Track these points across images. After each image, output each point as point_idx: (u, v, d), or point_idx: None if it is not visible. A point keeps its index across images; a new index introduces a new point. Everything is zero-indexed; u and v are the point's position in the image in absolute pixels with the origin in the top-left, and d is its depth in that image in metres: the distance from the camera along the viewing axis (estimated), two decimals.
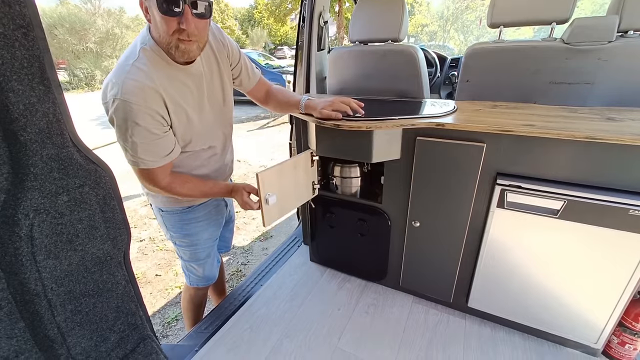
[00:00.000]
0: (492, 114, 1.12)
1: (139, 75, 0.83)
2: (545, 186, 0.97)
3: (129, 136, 0.85)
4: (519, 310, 1.17)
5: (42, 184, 0.74)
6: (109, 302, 0.94)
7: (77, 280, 0.85)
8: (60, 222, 0.79)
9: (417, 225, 1.26)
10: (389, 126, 1.08)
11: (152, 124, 0.86)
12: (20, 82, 0.67)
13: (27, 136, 0.70)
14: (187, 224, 1.14)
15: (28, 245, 0.74)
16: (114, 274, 0.94)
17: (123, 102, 0.81)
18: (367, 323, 1.31)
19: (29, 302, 0.77)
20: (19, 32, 0.65)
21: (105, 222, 0.88)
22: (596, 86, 1.17)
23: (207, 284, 1.30)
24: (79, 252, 0.84)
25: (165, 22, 0.80)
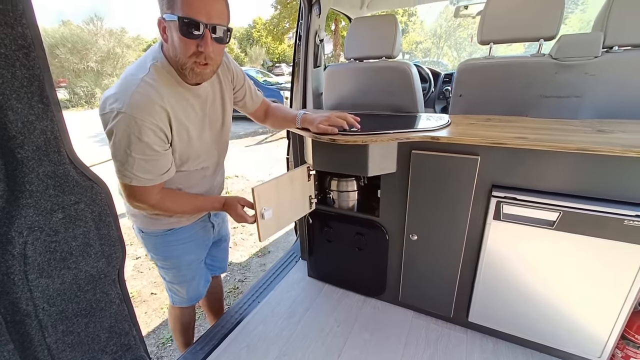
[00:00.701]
0: (486, 127, 1.14)
1: (148, 90, 0.83)
2: (541, 197, 0.98)
3: (128, 151, 0.84)
4: (521, 324, 1.15)
5: (37, 201, 0.74)
6: (102, 321, 0.92)
7: (70, 300, 0.83)
8: (55, 239, 0.78)
9: (415, 239, 1.25)
10: (384, 140, 1.09)
11: (155, 141, 0.85)
12: (20, 100, 0.68)
13: (25, 154, 0.70)
14: (169, 246, 1.10)
15: (21, 263, 0.73)
16: (108, 292, 0.92)
17: (128, 116, 0.80)
18: (367, 340, 1.28)
19: (19, 322, 0.75)
20: (20, 52, 0.66)
21: (100, 239, 0.87)
22: (585, 99, 1.20)
23: (191, 304, 1.26)
24: (73, 270, 0.82)
25: (184, 44, 0.81)
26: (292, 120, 1.22)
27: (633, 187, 0.89)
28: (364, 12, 2.33)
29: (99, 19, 14.67)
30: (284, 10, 15.54)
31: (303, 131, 1.21)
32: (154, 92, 0.83)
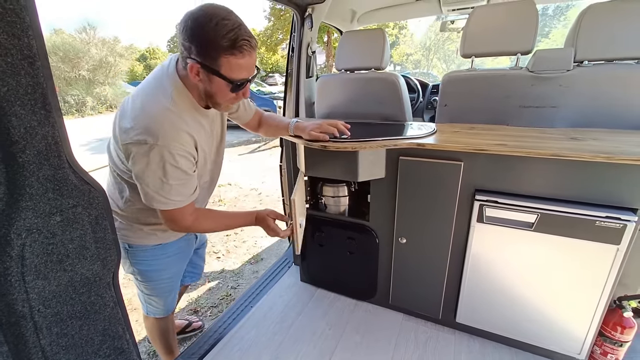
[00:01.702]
0: (469, 135, 1.21)
1: (176, 120, 0.85)
2: (520, 201, 1.04)
3: (164, 179, 0.86)
4: (506, 324, 1.19)
5: (36, 204, 0.76)
6: (96, 324, 0.93)
7: (65, 302, 0.84)
8: (52, 242, 0.80)
9: (404, 242, 1.30)
10: (374, 146, 1.15)
11: (187, 165, 0.89)
12: (23, 107, 0.71)
13: (26, 158, 0.73)
14: (156, 259, 1.12)
15: (18, 265, 0.74)
16: (102, 295, 0.93)
17: (161, 148, 0.82)
18: (358, 342, 1.31)
19: (14, 324, 0.76)
20: (25, 61, 0.70)
21: (96, 242, 0.89)
22: (560, 109, 1.28)
23: (166, 314, 1.27)
24: (69, 272, 0.84)
25: (226, 93, 0.86)
26: (284, 128, 1.27)
27: (603, 190, 0.96)
28: (355, 25, 2.42)
29: (92, 28, 14.68)
30: (277, 22, 15.82)
31: (295, 138, 1.26)
32: (181, 122, 0.86)
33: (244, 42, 0.80)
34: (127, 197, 1.02)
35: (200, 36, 0.78)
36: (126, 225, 1.06)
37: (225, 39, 0.77)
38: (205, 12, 0.78)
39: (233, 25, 0.78)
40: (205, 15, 0.77)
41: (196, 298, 2.14)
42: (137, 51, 26.32)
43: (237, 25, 0.79)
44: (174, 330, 1.39)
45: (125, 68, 15.17)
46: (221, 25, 0.77)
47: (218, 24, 0.77)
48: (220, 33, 0.77)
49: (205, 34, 0.77)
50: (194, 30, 0.78)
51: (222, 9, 0.80)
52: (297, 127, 1.24)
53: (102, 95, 13.56)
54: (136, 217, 1.05)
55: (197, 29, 0.78)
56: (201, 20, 0.77)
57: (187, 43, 0.80)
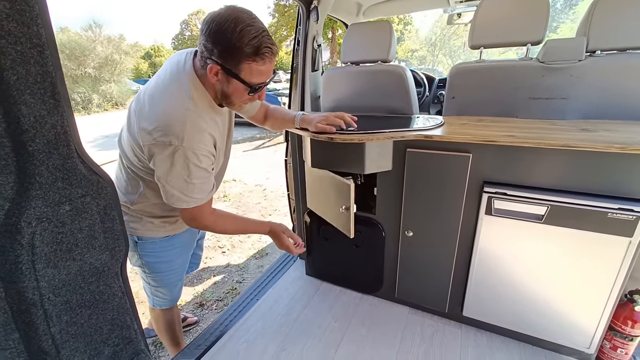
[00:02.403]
0: (477, 127, 1.19)
1: (197, 121, 0.87)
2: (529, 192, 1.02)
3: (188, 179, 0.88)
4: (513, 318, 1.18)
5: (46, 193, 0.76)
6: (105, 314, 0.94)
7: (74, 291, 0.85)
8: (62, 230, 0.80)
9: (410, 235, 1.29)
10: (380, 138, 1.14)
11: (208, 164, 0.92)
12: (33, 96, 0.71)
13: (35, 147, 0.73)
14: (164, 251, 1.14)
15: (29, 253, 0.75)
16: (111, 285, 0.94)
17: (185, 149, 0.84)
18: (364, 335, 1.31)
19: (25, 312, 0.77)
20: (34, 50, 0.70)
21: (104, 232, 0.90)
22: (571, 101, 1.25)
23: (172, 305, 1.30)
24: (78, 261, 0.85)
25: (243, 94, 0.88)
26: (291, 120, 1.27)
27: (615, 182, 0.94)
28: (360, 19, 2.40)
29: (97, 26, 14.77)
30: (281, 19, 15.77)
31: (302, 131, 1.25)
32: (202, 122, 0.88)
33: (267, 49, 0.82)
34: (142, 193, 1.03)
35: (223, 40, 0.79)
36: (135, 219, 1.07)
37: (248, 45, 0.79)
38: (230, 17, 0.78)
39: (257, 32, 0.80)
40: (230, 20, 0.78)
41: (202, 292, 2.16)
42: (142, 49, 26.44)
43: (261, 31, 0.81)
44: (179, 322, 1.41)
45: (130, 66, 15.26)
46: (245, 32, 0.78)
47: (243, 30, 0.78)
48: (244, 40, 0.78)
49: (229, 39, 0.79)
50: (218, 34, 0.79)
51: (246, 14, 0.80)
52: (303, 120, 1.23)
53: (108, 93, 13.67)
54: (150, 212, 1.06)
55: (221, 33, 0.79)
56: (226, 25, 0.78)
57: (209, 45, 0.81)
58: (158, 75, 0.94)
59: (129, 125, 0.94)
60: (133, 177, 1.01)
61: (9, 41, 0.65)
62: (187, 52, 0.95)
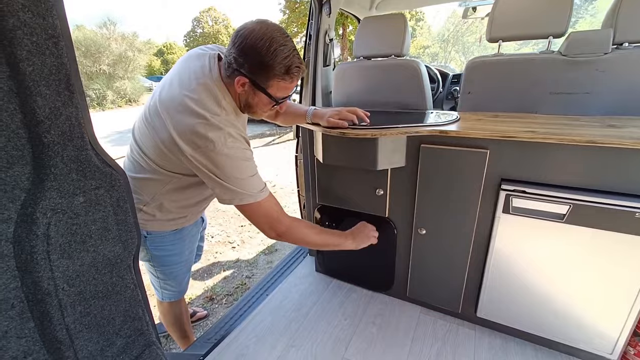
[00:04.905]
0: (494, 123, 1.15)
1: (232, 128, 0.90)
2: (550, 191, 0.98)
3: (243, 176, 0.90)
4: (530, 320, 1.14)
5: (60, 184, 0.77)
6: (117, 305, 0.95)
7: (88, 281, 0.86)
8: (76, 222, 0.81)
9: (423, 233, 1.26)
10: (394, 133, 1.11)
11: (251, 156, 0.95)
12: (48, 87, 0.71)
13: (51, 138, 0.74)
14: (173, 244, 1.15)
15: (44, 243, 0.76)
16: (123, 277, 0.95)
17: (230, 149, 0.87)
18: (374, 333, 1.29)
19: (40, 301, 0.78)
20: (50, 41, 0.70)
21: (117, 224, 0.90)
22: (595, 96, 1.20)
23: (180, 297, 1.30)
24: (91, 252, 0.85)
25: (267, 106, 0.93)
26: (302, 115, 1.25)
27: None
28: (373, 12, 2.36)
29: (112, 23, 15.04)
30: (292, 15, 15.72)
31: (313, 126, 1.24)
32: (236, 129, 0.91)
33: (297, 69, 0.86)
34: (170, 189, 1.02)
35: (256, 57, 0.82)
36: (149, 217, 1.07)
37: (280, 65, 0.83)
38: (265, 35, 0.81)
39: (289, 52, 0.83)
40: (265, 39, 0.81)
41: (212, 286, 2.17)
42: (154, 46, 26.81)
43: (292, 50, 0.84)
44: (187, 315, 1.42)
45: (143, 63, 15.51)
46: (279, 51, 0.82)
47: (276, 50, 0.81)
48: (277, 60, 0.82)
49: (262, 58, 0.82)
50: (252, 50, 0.82)
51: (279, 33, 0.83)
52: (315, 115, 1.22)
53: (122, 90, 13.92)
54: (168, 209, 1.06)
55: (254, 50, 0.82)
56: (261, 43, 0.81)
57: (240, 59, 0.84)
58: (181, 79, 0.92)
59: (152, 126, 0.93)
60: (153, 177, 1.00)
61: (24, 32, 0.65)
62: (209, 56, 0.94)
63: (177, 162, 0.92)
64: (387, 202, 1.32)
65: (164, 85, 0.95)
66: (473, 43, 22.52)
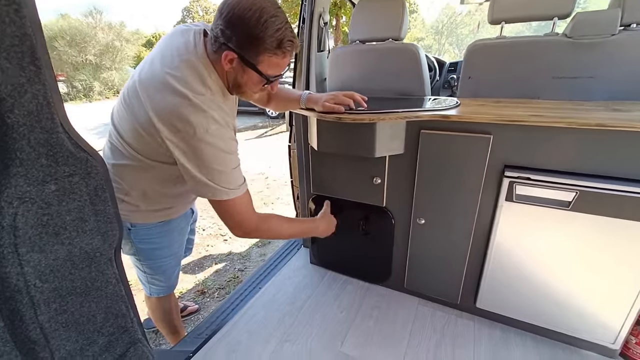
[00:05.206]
0: (497, 108, 1.10)
1: (218, 109, 0.83)
2: (556, 177, 0.94)
3: (224, 169, 0.83)
4: (531, 311, 1.12)
5: (28, 170, 0.69)
6: (98, 301, 0.88)
7: (64, 277, 0.79)
8: (47, 212, 0.74)
9: (422, 223, 1.22)
10: (393, 118, 1.05)
11: (235, 148, 0.89)
12: (10, 60, 0.63)
13: (15, 118, 0.66)
14: (160, 237, 1.08)
15: (10, 236, 0.68)
16: (104, 271, 0.88)
17: (212, 136, 0.80)
18: (371, 326, 1.25)
19: (10, 299, 0.71)
20: (10, 7, 0.62)
21: (95, 215, 0.83)
22: (599, 80, 1.16)
23: (169, 292, 1.25)
24: (66, 245, 0.78)
25: (257, 85, 0.86)
26: (296, 100, 1.19)
27: None
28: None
29: (97, 12, 14.53)
30: (284, 4, 15.42)
31: (308, 111, 1.17)
32: (220, 109, 0.84)
33: (289, 43, 0.79)
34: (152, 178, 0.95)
35: (245, 30, 0.75)
36: (132, 207, 1.00)
37: (272, 38, 0.76)
38: (254, 5, 0.74)
39: (281, 24, 0.76)
40: (254, 9, 0.74)
41: (203, 279, 2.12)
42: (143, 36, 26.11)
43: (284, 23, 0.77)
44: (177, 310, 1.36)
45: (131, 53, 15.05)
46: (270, 23, 0.75)
47: (267, 21, 0.74)
48: (268, 32, 0.75)
49: (252, 30, 0.75)
50: (240, 21, 0.75)
51: (270, 3, 0.76)
52: (309, 99, 1.15)
53: (109, 81, 13.54)
54: (152, 199, 0.99)
55: (243, 22, 0.75)
56: (250, 14, 0.74)
57: (228, 32, 0.77)
58: (163, 57, 0.84)
59: (130, 109, 0.85)
60: (133, 164, 0.93)
61: None
62: (194, 32, 0.87)
63: (156, 148, 0.84)
64: (384, 191, 1.27)
65: (144, 65, 0.88)
66: (467, 35, 22.46)
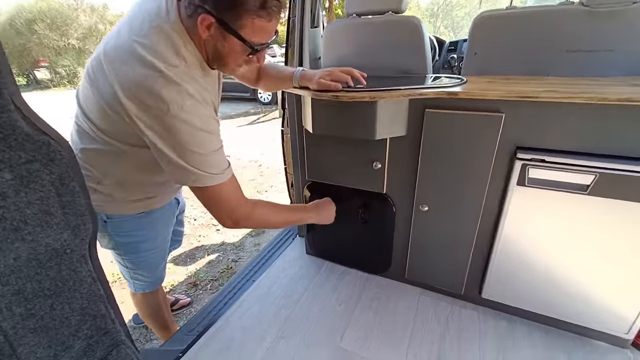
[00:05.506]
0: (507, 84, 1.01)
1: (195, 83, 0.73)
2: (573, 159, 0.87)
3: (203, 151, 0.74)
4: (540, 301, 1.06)
5: None
6: (71, 303, 0.79)
7: (28, 278, 0.70)
8: (3, 205, 0.64)
9: (425, 210, 1.14)
10: (396, 96, 0.96)
11: (216, 128, 0.78)
12: None
13: None
14: (141, 229, 0.99)
15: None
16: (77, 269, 0.79)
17: (189, 114, 0.70)
18: (371, 319, 1.19)
19: None
20: None
21: (62, 207, 0.73)
22: (618, 53, 1.07)
23: (155, 287, 1.17)
24: (29, 242, 0.69)
25: (240, 56, 0.75)
26: (288, 78, 1.08)
27: None
28: None
29: None
30: None
31: (301, 90, 1.07)
32: (198, 84, 0.74)
33: (275, 2, 0.69)
34: (126, 163, 0.85)
35: None
36: (106, 198, 0.90)
37: None
38: None
39: None
40: None
41: (195, 271, 2.05)
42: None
43: None
44: (166, 304, 1.29)
45: None
46: None
47: None
48: None
49: None
50: None
51: None
52: (303, 77, 1.05)
53: None
54: (128, 188, 0.90)
55: None
56: None
57: None
58: (131, 25, 0.72)
59: (95, 85, 0.74)
60: (103, 149, 0.82)
61: None
62: None
63: (125, 129, 0.74)
64: (385, 176, 1.18)
65: (111, 36, 0.76)
66: (463, 18, 22.08)
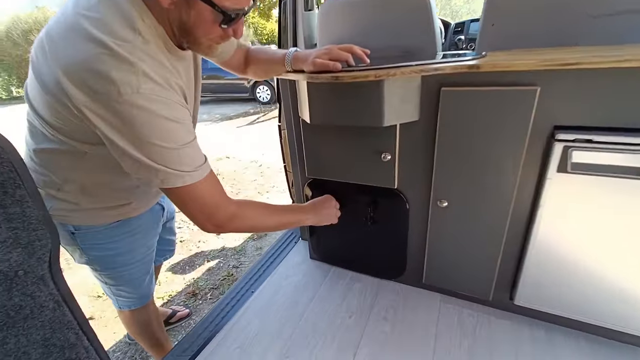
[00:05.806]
0: (537, 54, 0.86)
1: (154, 61, 0.60)
2: (626, 136, 0.72)
3: (167, 144, 0.61)
4: (583, 306, 0.91)
5: None
6: (29, 334, 0.66)
7: None
8: None
9: (445, 206, 0.99)
10: (406, 72, 0.81)
11: (185, 115, 0.65)
12: None
13: None
14: (116, 241, 0.87)
15: None
16: (33, 294, 0.66)
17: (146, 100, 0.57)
18: (387, 331, 1.05)
19: None
20: None
21: (7, 221, 0.60)
22: None
23: (143, 304, 1.04)
24: None
25: (212, 28, 0.62)
26: (279, 61, 0.94)
27: None
28: None
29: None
30: None
31: (296, 74, 0.93)
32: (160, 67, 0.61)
33: None
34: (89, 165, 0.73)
35: None
36: (70, 206, 0.77)
37: None
38: None
39: None
40: None
41: (195, 279, 1.93)
42: None
43: None
44: (158, 320, 1.16)
45: None
46: None
47: None
48: None
49: None
50: None
51: None
52: (296, 58, 0.91)
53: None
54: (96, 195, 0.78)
55: None
56: None
57: None
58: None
59: (37, 71, 0.61)
60: (60, 149, 0.69)
61: None
62: None
63: (76, 123, 0.61)
64: (395, 169, 1.04)
65: (57, 13, 0.63)
66: (462, 6, 21.75)
